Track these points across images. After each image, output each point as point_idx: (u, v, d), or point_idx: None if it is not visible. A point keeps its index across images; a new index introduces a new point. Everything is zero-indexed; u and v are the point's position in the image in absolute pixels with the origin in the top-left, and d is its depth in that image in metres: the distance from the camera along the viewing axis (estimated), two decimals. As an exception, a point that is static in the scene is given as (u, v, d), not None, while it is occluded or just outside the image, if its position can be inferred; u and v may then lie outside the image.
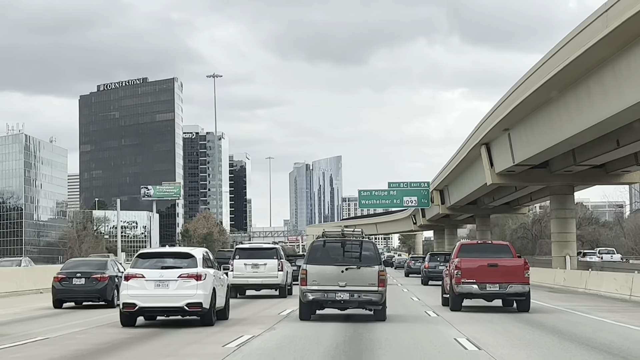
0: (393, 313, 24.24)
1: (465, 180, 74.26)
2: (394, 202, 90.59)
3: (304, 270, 21.83)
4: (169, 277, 20.69)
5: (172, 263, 21.19)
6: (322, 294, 21.56)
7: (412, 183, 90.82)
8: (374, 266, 21.67)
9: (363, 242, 22.13)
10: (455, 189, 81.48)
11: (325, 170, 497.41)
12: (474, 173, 67.23)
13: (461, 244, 28.06)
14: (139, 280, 20.67)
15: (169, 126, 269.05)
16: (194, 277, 20.64)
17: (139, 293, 20.55)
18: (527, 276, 25.47)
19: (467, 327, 20.21)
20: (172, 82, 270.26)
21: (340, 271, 21.57)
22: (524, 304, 25.95)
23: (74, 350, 15.85)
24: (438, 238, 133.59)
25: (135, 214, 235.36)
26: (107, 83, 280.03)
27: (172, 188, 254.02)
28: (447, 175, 79.64)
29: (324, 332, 19.10)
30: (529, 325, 21.15)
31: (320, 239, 22.56)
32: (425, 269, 51.98)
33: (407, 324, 21.40)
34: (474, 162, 64.51)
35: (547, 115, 42.72)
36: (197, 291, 20.53)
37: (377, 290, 21.50)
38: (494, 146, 54.73)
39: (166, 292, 20.55)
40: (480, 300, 26.92)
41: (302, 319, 21.96)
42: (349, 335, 18.42)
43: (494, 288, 25.33)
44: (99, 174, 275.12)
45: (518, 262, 25.77)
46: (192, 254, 21.47)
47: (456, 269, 25.56)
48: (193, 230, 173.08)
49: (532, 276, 27.80)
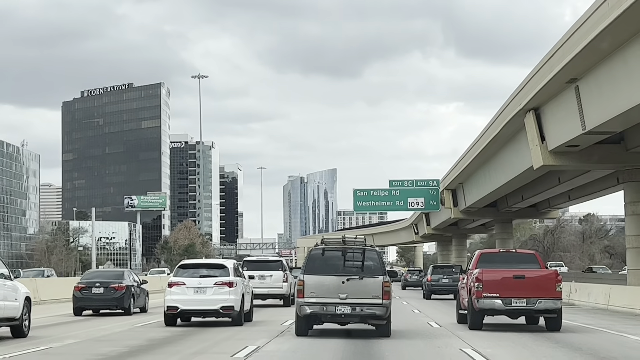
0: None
1: (488, 174, 57.13)
2: (397, 204, 73.32)
3: (301, 281, 20.01)
4: (206, 284, 23.85)
5: (208, 272, 24.41)
6: (321, 307, 19.72)
7: (418, 181, 73.60)
8: (378, 277, 19.82)
9: (366, 250, 20.20)
10: (474, 187, 64.30)
11: (320, 184, 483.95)
12: (505, 159, 50.08)
13: (481, 253, 24.31)
14: (181, 287, 23.93)
15: (155, 133, 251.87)
16: (227, 285, 23.86)
17: (181, 298, 23.79)
18: (559, 290, 22.21)
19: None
20: (158, 88, 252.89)
21: (340, 282, 19.80)
22: (555, 322, 22.53)
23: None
24: (443, 250, 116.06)
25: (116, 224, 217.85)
26: (91, 89, 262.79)
27: (157, 198, 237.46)
28: (463, 169, 62.48)
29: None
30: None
31: (319, 247, 20.47)
32: (428, 282, 49.64)
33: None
34: (508, 142, 47.40)
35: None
36: (230, 296, 23.76)
37: (382, 303, 19.64)
38: (549, 110, 37.55)
39: (204, 297, 23.77)
40: (501, 317, 23.70)
41: (298, 335, 20.15)
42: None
43: (520, 303, 22.10)
44: (82, 184, 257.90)
45: (549, 274, 22.56)
46: (225, 264, 24.97)
47: (476, 282, 22.33)
48: (174, 242, 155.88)
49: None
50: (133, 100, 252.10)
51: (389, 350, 17.04)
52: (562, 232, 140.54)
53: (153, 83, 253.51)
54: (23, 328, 19.96)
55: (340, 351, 17.05)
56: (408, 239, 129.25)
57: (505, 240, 73.09)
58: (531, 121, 38.75)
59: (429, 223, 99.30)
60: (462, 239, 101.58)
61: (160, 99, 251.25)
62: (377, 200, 73.32)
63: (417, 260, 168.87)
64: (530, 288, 22.06)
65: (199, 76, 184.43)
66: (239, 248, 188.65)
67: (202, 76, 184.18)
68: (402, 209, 73.90)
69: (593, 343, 19.22)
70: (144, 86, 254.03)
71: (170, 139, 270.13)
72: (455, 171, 66.50)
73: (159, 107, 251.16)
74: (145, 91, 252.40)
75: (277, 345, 18.11)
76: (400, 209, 73.92)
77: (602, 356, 16.35)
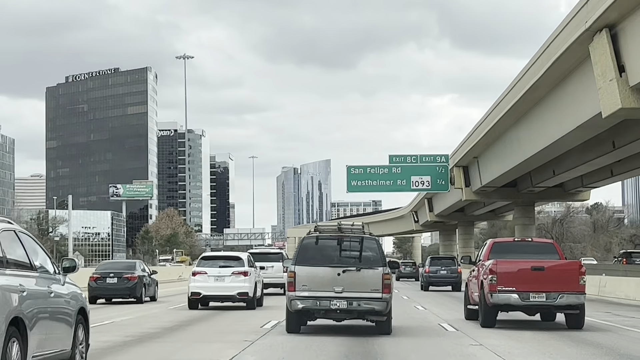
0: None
1: (516, 140, 44.91)
2: (398, 184, 60.96)
3: (292, 272, 17.92)
4: (225, 273, 27.19)
5: (226, 263, 27.70)
6: (314, 302, 17.74)
7: (423, 157, 61.26)
8: (378, 268, 17.75)
9: (364, 239, 18.14)
10: (494, 160, 52.00)
11: (314, 175, 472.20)
12: (547, 114, 37.79)
13: (493, 242, 21.66)
14: (203, 276, 27.20)
15: (142, 120, 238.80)
16: (243, 274, 27.15)
17: (203, 285, 27.11)
18: (583, 283, 19.50)
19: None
20: (144, 73, 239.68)
21: (336, 274, 17.76)
22: (577, 319, 19.98)
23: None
24: (445, 240, 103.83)
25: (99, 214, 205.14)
26: (76, 74, 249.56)
27: (143, 187, 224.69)
28: (480, 138, 50.21)
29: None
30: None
31: (312, 235, 18.39)
32: (426, 273, 48.92)
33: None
34: (554, 89, 35.13)
35: None
36: (245, 284, 27.03)
37: (381, 297, 17.65)
38: (634, 27, 25.15)
39: (223, 284, 27.10)
40: (515, 313, 21.78)
41: (289, 332, 18.18)
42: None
43: (539, 298, 19.49)
44: (66, 172, 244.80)
45: (571, 266, 19.92)
46: (240, 257, 28.42)
47: (490, 274, 19.64)
48: (155, 231, 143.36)
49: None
50: (119, 85, 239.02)
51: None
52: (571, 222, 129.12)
53: (139, 67, 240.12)
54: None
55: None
56: (407, 228, 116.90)
57: (526, 227, 60.82)
58: (603, 44, 26.31)
59: (431, 209, 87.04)
60: (468, 227, 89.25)
61: (147, 84, 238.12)
62: (374, 179, 61.01)
63: (415, 251, 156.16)
64: (551, 281, 19.62)
65: (184, 57, 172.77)
66: (226, 238, 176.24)
67: (187, 57, 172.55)
68: (404, 190, 61.50)
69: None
70: (130, 71, 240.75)
71: (159, 126, 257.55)
72: (470, 142, 54.16)
73: (146, 93, 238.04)
74: (131, 76, 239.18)
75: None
76: (402, 190, 61.54)
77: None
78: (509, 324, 21.18)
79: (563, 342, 16.84)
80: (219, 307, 28.20)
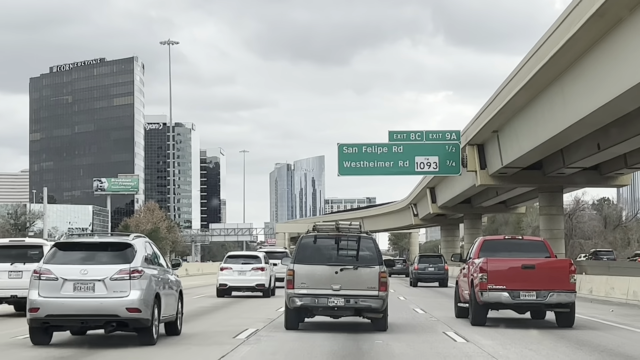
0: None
1: (558, 102, 34.43)
2: (399, 166, 50.44)
3: (291, 270, 18.36)
4: (246, 268, 33.34)
5: (247, 260, 34.01)
6: (312, 299, 18.14)
7: (430, 133, 50.77)
8: (374, 266, 18.18)
9: (361, 238, 18.50)
10: (521, 132, 41.44)
11: (308, 171, 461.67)
12: (600, 66, 27.31)
13: (483, 240, 21.81)
14: (229, 270, 33.55)
15: (128, 111, 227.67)
16: (260, 269, 33.29)
17: (229, 278, 33.47)
18: (574, 282, 19.60)
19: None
20: (131, 63, 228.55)
21: (333, 272, 18.15)
22: (567, 318, 19.95)
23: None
24: (448, 235, 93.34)
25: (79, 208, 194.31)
26: (60, 65, 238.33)
27: (129, 181, 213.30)
28: (504, 105, 39.73)
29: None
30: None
31: (311, 234, 18.84)
32: (415, 270, 50.31)
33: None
34: (609, 32, 24.69)
35: None
36: (262, 277, 33.12)
37: (378, 295, 18.04)
38: None
39: (245, 277, 33.25)
40: (505, 311, 21.10)
41: (288, 328, 18.48)
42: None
43: (529, 297, 19.44)
44: (50, 166, 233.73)
45: (562, 264, 20.04)
46: (258, 255, 34.95)
47: (480, 272, 19.58)
48: (135, 226, 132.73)
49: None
50: (105, 76, 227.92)
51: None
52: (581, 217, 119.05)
53: (126, 57, 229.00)
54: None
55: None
56: (404, 223, 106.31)
57: (553, 218, 50.36)
58: None
59: (434, 200, 76.61)
60: (476, 220, 78.68)
61: (133, 74, 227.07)
62: (371, 160, 50.56)
63: (413, 248, 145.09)
64: (541, 279, 19.42)
65: (169, 42, 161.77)
66: (212, 234, 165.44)
67: (171, 42, 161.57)
68: (406, 172, 50.90)
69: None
70: (116, 61, 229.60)
71: (147, 120, 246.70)
72: (489, 112, 43.63)
73: (132, 84, 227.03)
74: (117, 66, 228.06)
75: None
76: (404, 172, 50.94)
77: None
78: (499, 322, 20.95)
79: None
80: (240, 295, 33.88)
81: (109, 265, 14.88)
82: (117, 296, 14.62)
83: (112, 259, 15.07)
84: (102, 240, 15.85)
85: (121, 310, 14.55)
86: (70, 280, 14.72)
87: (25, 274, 20.97)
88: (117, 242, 15.67)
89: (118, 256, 15.13)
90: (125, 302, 14.58)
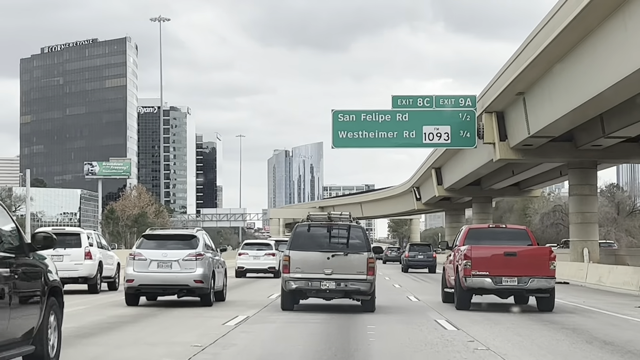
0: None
1: (604, 52, 26.47)
2: (404, 137, 42.53)
3: (287, 256, 19.87)
4: (260, 254, 39.99)
5: (260, 248, 40.91)
6: (306, 283, 19.54)
7: (441, 99, 42.80)
8: (363, 253, 19.54)
9: (351, 227, 19.97)
10: (556, 92, 33.42)
11: (306, 158, 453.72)
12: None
13: (468, 229, 22.68)
14: (246, 256, 40.20)
15: (121, 93, 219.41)
16: (271, 255, 39.81)
17: (246, 262, 40.05)
18: (553, 268, 20.28)
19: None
20: (124, 43, 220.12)
21: (325, 258, 19.51)
22: (547, 302, 20.71)
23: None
24: (453, 221, 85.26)
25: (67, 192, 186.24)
26: (51, 45, 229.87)
27: (120, 165, 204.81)
28: (533, 60, 31.79)
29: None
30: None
31: (305, 223, 20.36)
32: (405, 257, 54.84)
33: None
34: None
35: None
36: (273, 261, 39.30)
37: (366, 279, 19.38)
38: None
39: (259, 261, 39.84)
40: (489, 296, 21.96)
41: (284, 309, 19.91)
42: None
43: (511, 282, 20.33)
44: (40, 149, 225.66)
45: (542, 251, 20.86)
46: (270, 243, 42.16)
47: (465, 259, 20.42)
48: (121, 211, 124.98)
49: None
50: (97, 56, 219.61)
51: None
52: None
53: (119, 37, 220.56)
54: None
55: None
56: (406, 208, 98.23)
57: (586, 198, 42.53)
58: None
59: (440, 182, 68.65)
60: (485, 204, 70.60)
61: (126, 55, 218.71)
62: (371, 130, 42.66)
63: (414, 235, 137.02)
64: (522, 266, 20.31)
65: (159, 19, 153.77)
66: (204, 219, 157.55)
67: (162, 19, 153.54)
68: (412, 144, 42.91)
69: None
70: (108, 41, 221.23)
71: (141, 103, 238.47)
72: (513, 70, 35.57)
73: (125, 65, 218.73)
74: (110, 47, 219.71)
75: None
76: (409, 144, 42.95)
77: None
78: (483, 307, 21.57)
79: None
80: (253, 276, 40.38)
81: (181, 250, 20.65)
82: (187, 272, 20.36)
83: (183, 246, 20.88)
84: (175, 232, 22.65)
85: (190, 281, 20.33)
86: (155, 260, 20.54)
87: (65, 258, 25.13)
88: (185, 234, 21.92)
89: (187, 244, 20.95)
90: (193, 276, 20.35)
